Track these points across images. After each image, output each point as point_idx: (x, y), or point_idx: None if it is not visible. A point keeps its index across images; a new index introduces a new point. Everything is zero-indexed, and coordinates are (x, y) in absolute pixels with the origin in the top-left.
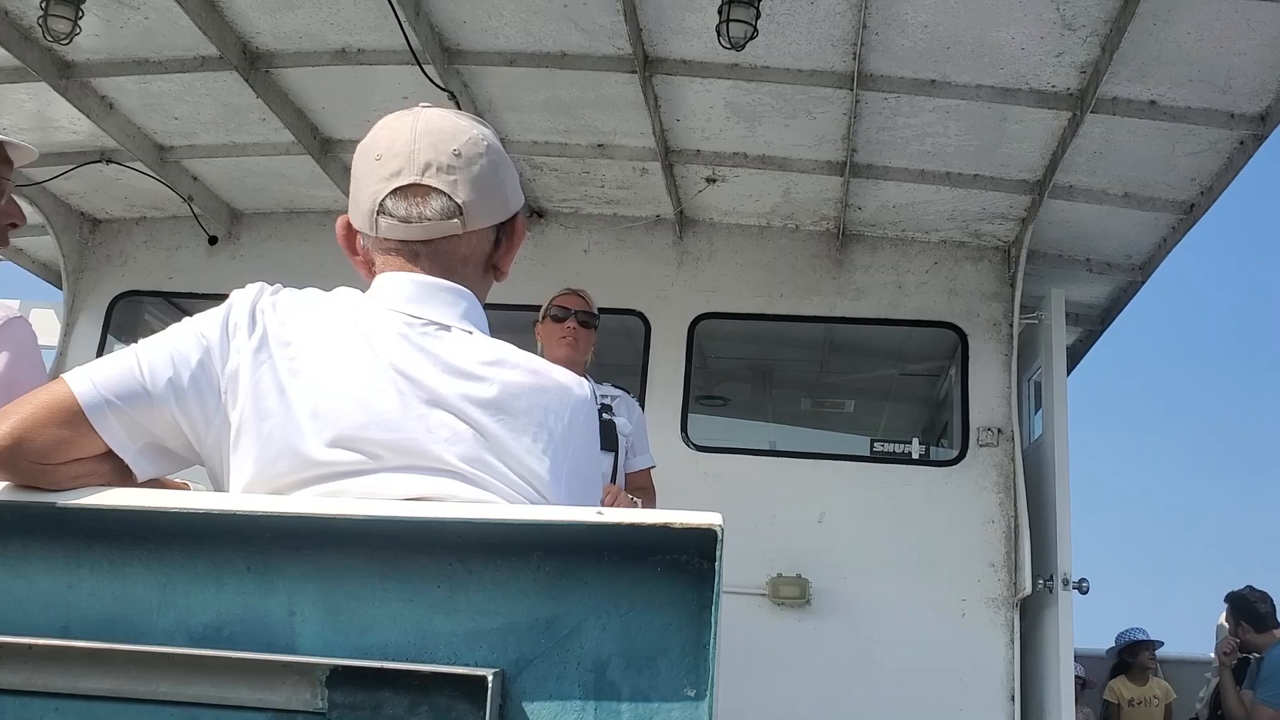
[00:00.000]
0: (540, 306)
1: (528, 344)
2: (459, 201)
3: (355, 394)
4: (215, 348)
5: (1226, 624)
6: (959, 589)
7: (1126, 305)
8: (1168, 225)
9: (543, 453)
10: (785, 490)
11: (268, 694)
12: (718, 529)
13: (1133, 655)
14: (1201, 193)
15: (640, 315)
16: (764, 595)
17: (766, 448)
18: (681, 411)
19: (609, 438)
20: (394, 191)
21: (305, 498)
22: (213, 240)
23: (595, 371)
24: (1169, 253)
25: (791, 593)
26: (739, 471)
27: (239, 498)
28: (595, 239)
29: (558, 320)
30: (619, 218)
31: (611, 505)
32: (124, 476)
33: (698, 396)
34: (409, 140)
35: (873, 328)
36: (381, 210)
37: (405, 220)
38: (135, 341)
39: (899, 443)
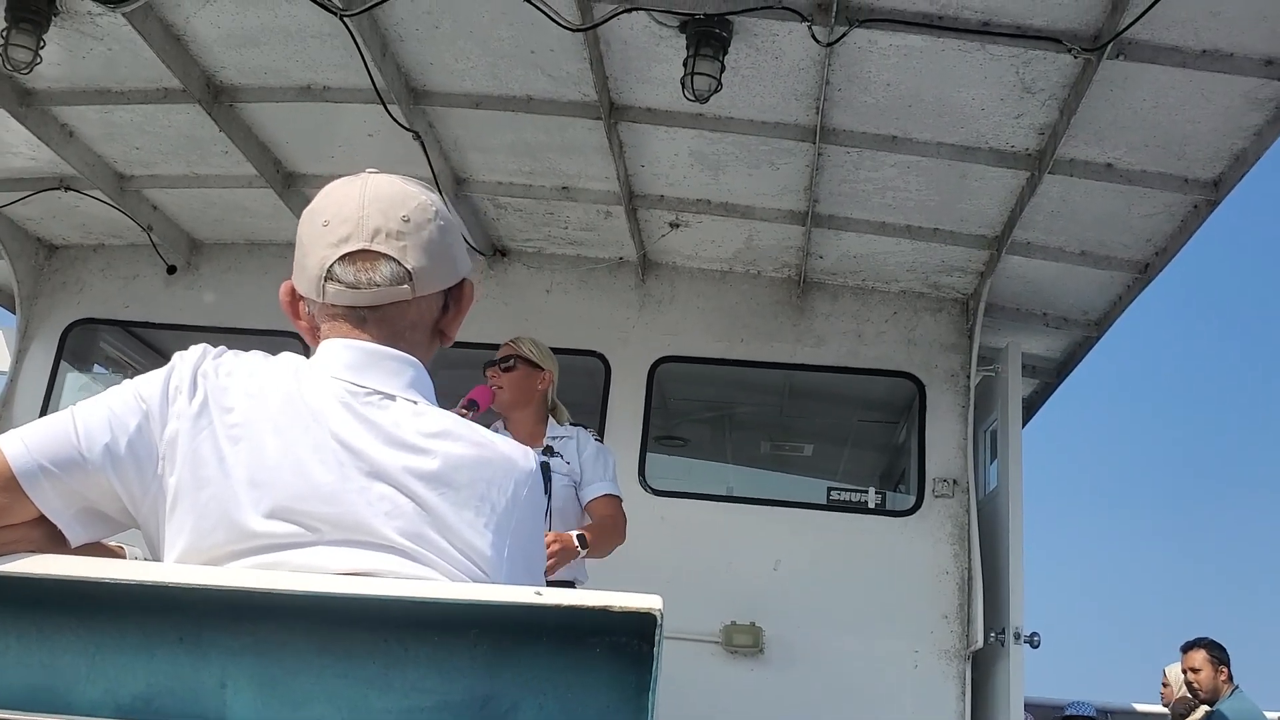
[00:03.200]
0: (500, 346)
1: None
2: (409, 267)
3: (294, 464)
4: (155, 411)
5: (1189, 671)
6: (912, 640)
7: (1083, 359)
8: (1123, 283)
9: (485, 527)
10: (741, 536)
11: None
12: (657, 613)
13: None
14: (1156, 253)
15: (600, 357)
16: (717, 643)
17: (724, 493)
18: (640, 455)
19: (544, 479)
20: (343, 257)
21: (241, 569)
22: (171, 270)
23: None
24: (1124, 310)
25: (745, 640)
26: (695, 516)
27: (172, 568)
28: (557, 279)
29: (486, 371)
30: (582, 259)
31: (552, 551)
32: (56, 540)
33: (657, 436)
34: (357, 206)
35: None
36: (330, 276)
37: (354, 286)
38: (90, 369)
39: (856, 491)
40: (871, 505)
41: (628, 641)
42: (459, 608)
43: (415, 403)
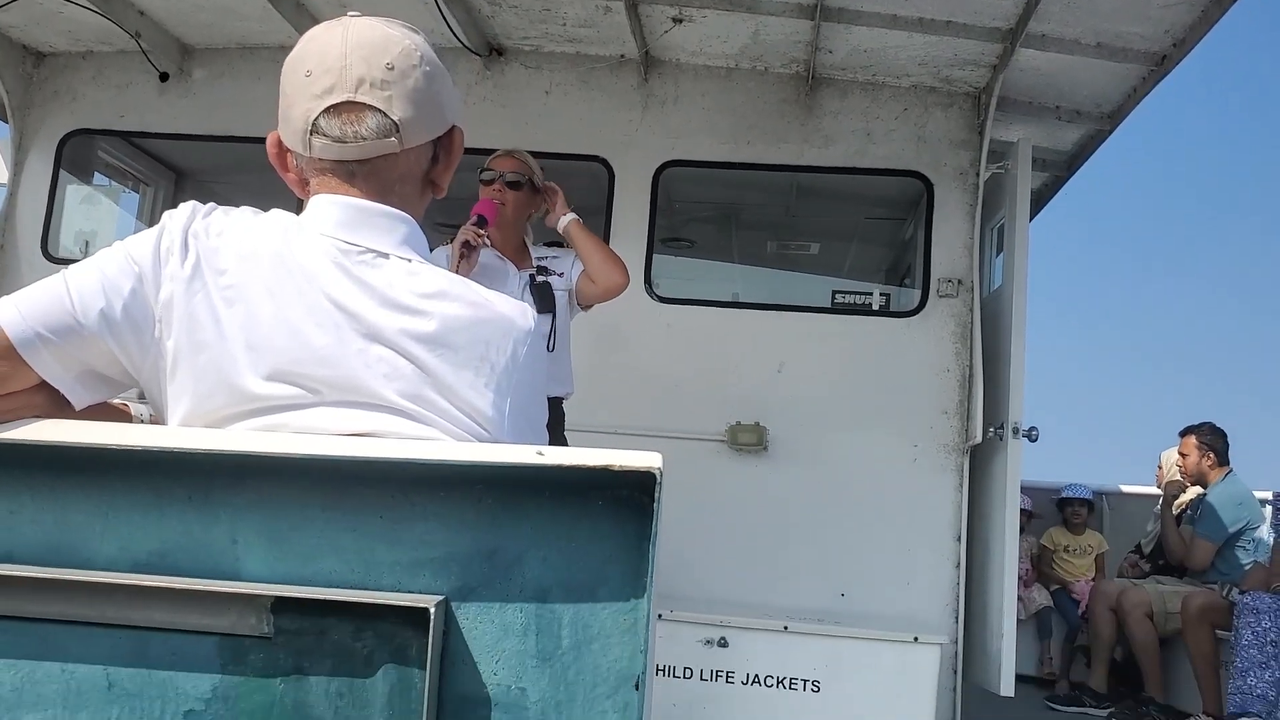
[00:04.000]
0: (497, 150)
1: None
2: (395, 119)
3: (291, 327)
4: (148, 274)
5: (1179, 456)
6: (912, 436)
7: (1094, 152)
8: (1138, 76)
9: (485, 387)
10: (746, 341)
11: (214, 619)
12: (657, 471)
13: (1065, 508)
14: (1174, 45)
15: (604, 161)
16: (723, 442)
17: (729, 299)
18: (645, 262)
19: (546, 300)
20: (327, 110)
21: (244, 432)
22: (164, 77)
23: (539, 230)
24: (1139, 103)
25: (749, 439)
26: (701, 323)
27: (177, 433)
28: (557, 80)
29: (486, 183)
30: (582, 57)
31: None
32: (60, 404)
33: (662, 238)
34: (339, 55)
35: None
36: (315, 130)
37: (340, 140)
38: (90, 179)
39: (860, 294)
40: (876, 307)
41: (629, 495)
42: (462, 468)
43: (409, 260)
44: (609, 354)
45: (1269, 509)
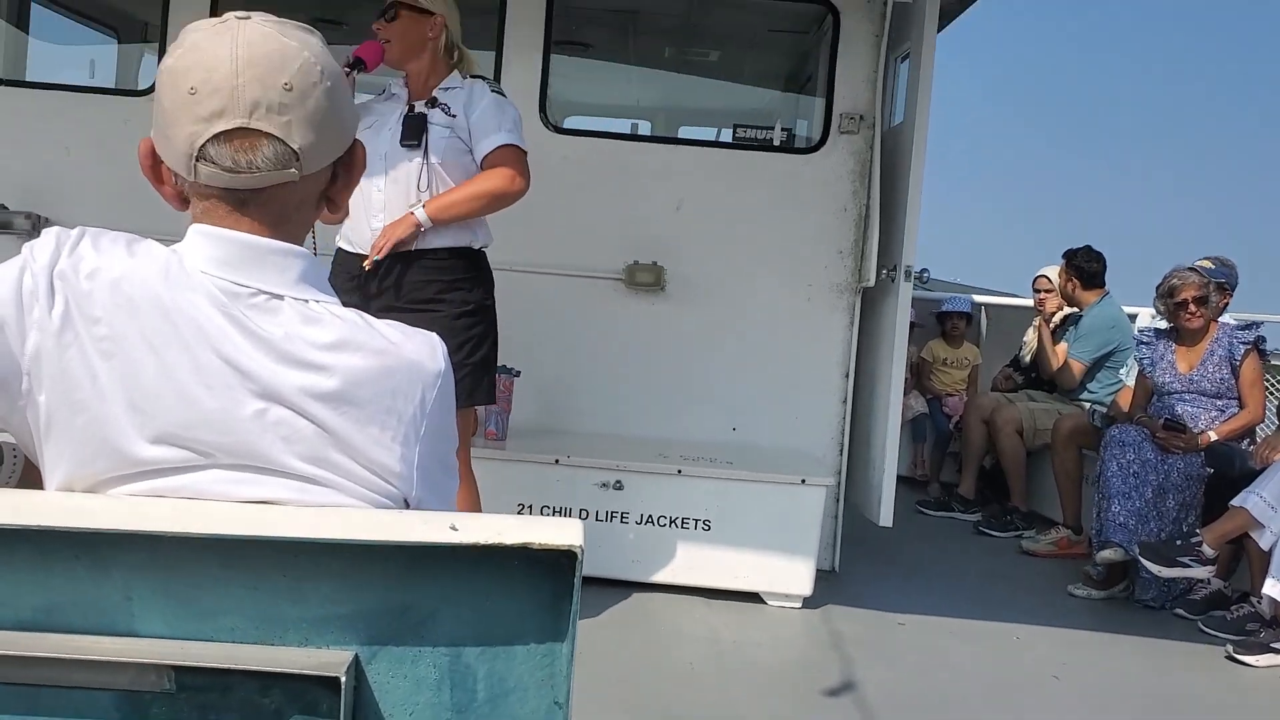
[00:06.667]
0: None
1: None
2: (295, 147)
3: (176, 389)
4: (11, 321)
5: (1059, 278)
6: (806, 275)
7: None
8: None
9: (392, 440)
10: (646, 176)
11: (113, 676)
12: (578, 549)
13: (944, 321)
14: None
15: None
16: (620, 280)
17: (629, 120)
18: (540, 86)
19: (412, 132)
20: (216, 136)
21: (130, 499)
22: None
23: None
24: None
25: (647, 279)
26: (599, 155)
27: (60, 502)
28: None
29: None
30: None
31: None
32: None
33: (558, 41)
34: (229, 73)
35: None
36: (202, 157)
37: (233, 170)
38: None
39: (762, 128)
40: (777, 143)
41: (549, 560)
42: (369, 544)
43: (305, 301)
44: None
45: (1145, 323)
